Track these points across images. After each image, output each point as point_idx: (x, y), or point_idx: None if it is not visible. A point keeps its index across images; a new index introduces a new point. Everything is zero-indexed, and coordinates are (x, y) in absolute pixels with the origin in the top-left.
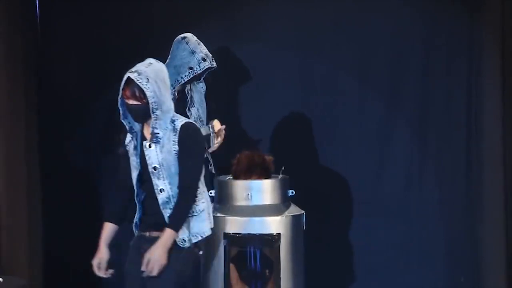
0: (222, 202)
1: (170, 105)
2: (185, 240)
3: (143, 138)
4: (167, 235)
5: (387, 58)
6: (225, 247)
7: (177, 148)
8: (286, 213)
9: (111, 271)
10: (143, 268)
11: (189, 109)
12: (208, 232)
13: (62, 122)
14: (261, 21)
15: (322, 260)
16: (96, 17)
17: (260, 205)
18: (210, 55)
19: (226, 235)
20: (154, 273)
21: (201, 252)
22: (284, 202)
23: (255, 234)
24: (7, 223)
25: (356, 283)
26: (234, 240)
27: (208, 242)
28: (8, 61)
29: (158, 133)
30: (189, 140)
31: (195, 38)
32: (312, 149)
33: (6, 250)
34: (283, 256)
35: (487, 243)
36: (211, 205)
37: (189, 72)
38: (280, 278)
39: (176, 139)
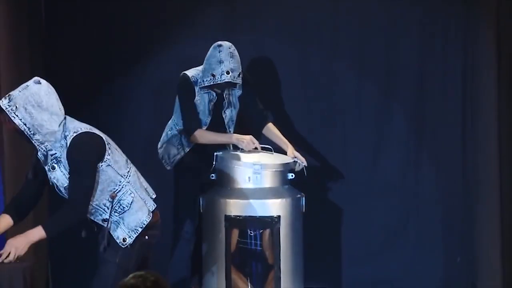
0: (223, 185)
1: (51, 125)
2: (125, 240)
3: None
4: (36, 231)
5: (383, 47)
6: (226, 229)
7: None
8: (286, 196)
9: None
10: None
11: (224, 112)
12: (147, 219)
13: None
14: (259, 10)
15: (320, 242)
16: (101, 9)
17: (260, 188)
18: (239, 71)
19: (227, 218)
20: (7, 256)
21: (146, 237)
22: (284, 185)
23: (256, 216)
24: None
25: (354, 264)
26: (235, 222)
27: (209, 225)
28: (14, 54)
29: (55, 153)
30: (73, 154)
31: (230, 49)
32: (311, 134)
33: (12, 232)
34: (282, 238)
35: (483, 224)
36: (141, 190)
37: (210, 79)
38: (280, 259)
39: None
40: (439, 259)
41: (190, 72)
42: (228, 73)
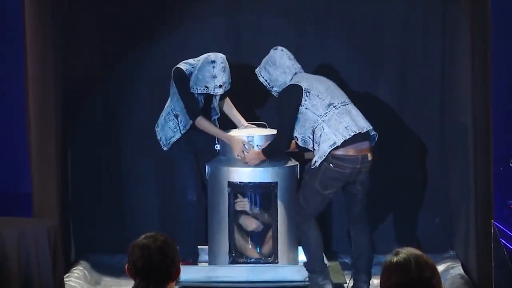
0: (226, 154)
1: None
2: (315, 163)
3: None
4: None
5: (369, 24)
6: (229, 194)
7: None
8: (282, 164)
9: None
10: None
11: (214, 97)
12: (328, 149)
13: (88, 78)
14: None
15: None
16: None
17: None
18: (229, 81)
19: (230, 183)
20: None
21: (331, 165)
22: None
23: (255, 182)
24: (38, 173)
25: (341, 225)
26: (236, 187)
27: (214, 190)
28: (37, 23)
29: None
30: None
31: (223, 64)
32: None
33: (38, 196)
34: (279, 202)
35: (458, 188)
36: (335, 128)
37: (203, 89)
38: (277, 221)
39: None
40: (419, 220)
41: (183, 66)
42: (220, 86)
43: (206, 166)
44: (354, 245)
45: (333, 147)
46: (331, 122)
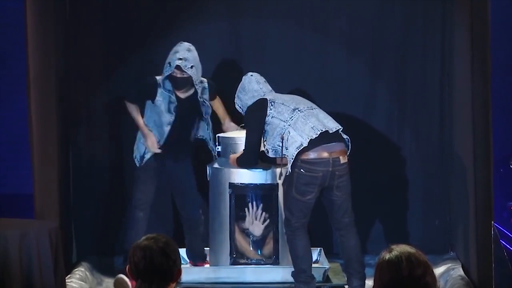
0: (227, 156)
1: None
2: (288, 169)
3: None
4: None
5: (370, 30)
6: (230, 195)
7: None
8: (283, 166)
9: None
10: None
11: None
12: (294, 152)
13: (91, 75)
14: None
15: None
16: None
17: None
18: (191, 64)
19: (231, 185)
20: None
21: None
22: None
23: (256, 183)
24: (40, 175)
25: None
26: (237, 189)
27: (215, 191)
28: (40, 22)
29: None
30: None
31: (189, 47)
32: None
33: (40, 198)
34: (280, 203)
35: (458, 190)
36: (301, 130)
37: (167, 68)
38: (278, 222)
39: None
40: (420, 222)
41: (159, 77)
42: (180, 59)
43: (208, 168)
44: (342, 251)
45: (300, 149)
46: (297, 125)
